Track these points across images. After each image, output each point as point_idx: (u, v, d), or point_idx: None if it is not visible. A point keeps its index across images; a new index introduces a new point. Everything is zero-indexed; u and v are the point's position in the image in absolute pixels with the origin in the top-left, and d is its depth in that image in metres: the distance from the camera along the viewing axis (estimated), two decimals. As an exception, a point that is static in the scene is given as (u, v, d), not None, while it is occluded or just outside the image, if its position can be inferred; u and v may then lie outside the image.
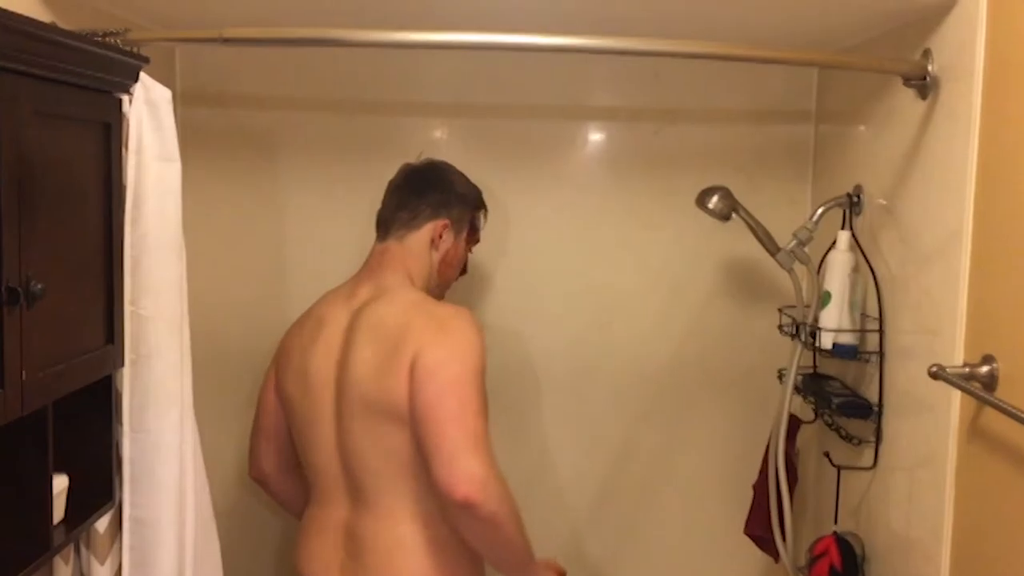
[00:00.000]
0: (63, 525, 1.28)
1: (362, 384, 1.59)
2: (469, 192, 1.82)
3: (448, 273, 1.83)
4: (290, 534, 2.21)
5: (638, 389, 2.18)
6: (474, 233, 1.86)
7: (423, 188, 1.79)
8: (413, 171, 1.82)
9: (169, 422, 1.41)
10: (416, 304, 1.65)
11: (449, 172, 1.82)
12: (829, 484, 1.85)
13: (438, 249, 1.77)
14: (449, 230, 1.77)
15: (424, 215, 1.76)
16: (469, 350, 1.55)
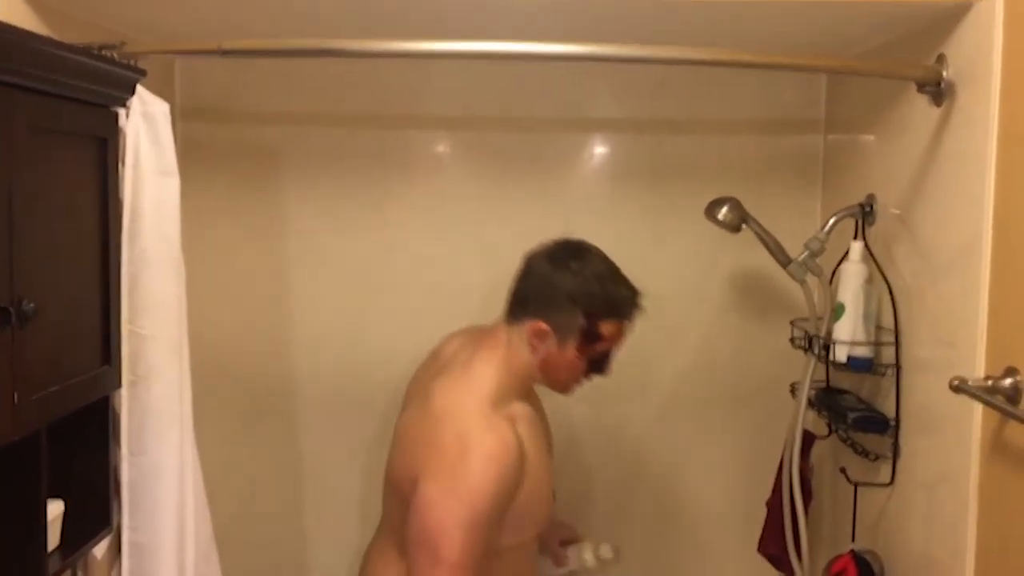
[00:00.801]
0: (59, 552, 1.24)
1: (393, 448, 1.66)
2: (588, 296, 1.59)
3: (557, 377, 1.67)
4: (291, 553, 2.17)
5: (648, 405, 2.14)
6: (594, 341, 1.62)
7: (530, 279, 1.64)
8: (534, 254, 1.66)
9: (169, 444, 1.38)
10: (459, 409, 1.54)
11: (565, 267, 1.61)
12: (845, 501, 1.80)
13: (536, 352, 1.62)
14: (549, 336, 1.60)
15: (525, 311, 1.62)
16: (469, 497, 1.46)
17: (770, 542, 1.90)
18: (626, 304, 1.62)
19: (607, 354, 1.65)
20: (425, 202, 2.11)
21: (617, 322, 1.62)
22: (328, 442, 2.15)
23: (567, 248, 1.65)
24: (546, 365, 1.63)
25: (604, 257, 1.65)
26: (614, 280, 1.62)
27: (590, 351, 1.62)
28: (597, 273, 1.61)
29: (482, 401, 1.55)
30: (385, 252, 2.12)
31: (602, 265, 1.63)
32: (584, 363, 1.63)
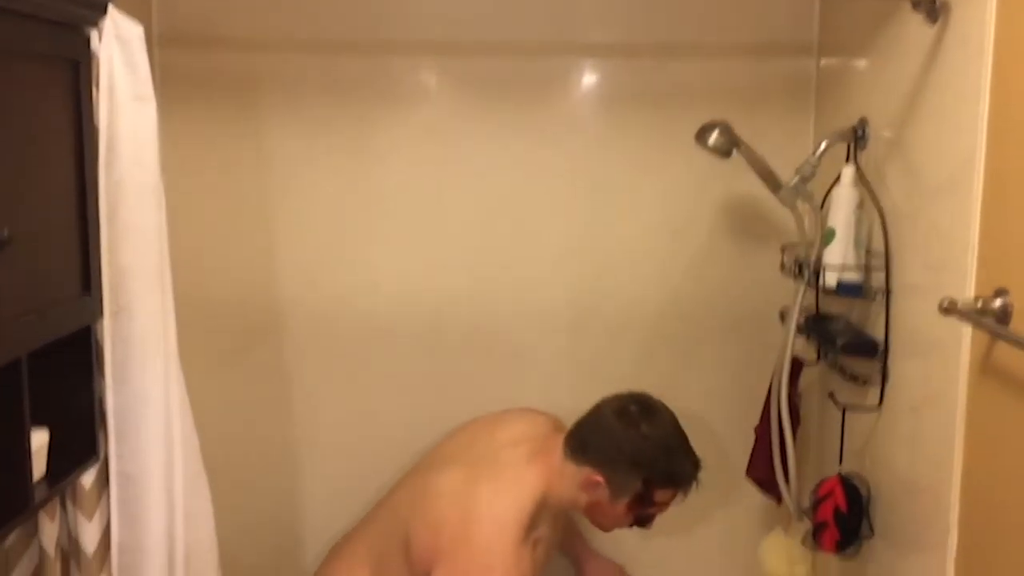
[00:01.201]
0: (45, 481, 1.24)
1: (423, 498, 1.78)
2: (651, 465, 1.67)
3: (599, 521, 1.77)
4: (282, 488, 2.18)
5: (637, 334, 2.14)
6: (647, 505, 1.71)
7: (597, 427, 1.72)
8: (606, 402, 1.74)
9: (153, 374, 1.36)
10: (498, 523, 1.64)
11: (635, 428, 1.69)
12: (833, 425, 1.81)
13: (585, 496, 1.71)
14: (603, 488, 1.68)
15: (585, 456, 1.69)
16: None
17: (758, 467, 1.91)
18: (687, 478, 1.71)
19: (655, 514, 1.74)
20: (411, 130, 2.08)
21: (673, 492, 1.71)
22: (317, 373, 2.15)
23: (640, 405, 1.71)
24: (592, 510, 1.72)
25: (674, 422, 1.72)
26: (680, 452, 1.70)
27: (639, 511, 1.71)
28: (664, 442, 1.69)
29: (521, 522, 1.64)
30: (371, 181, 2.09)
31: (671, 432, 1.70)
32: (631, 518, 1.72)
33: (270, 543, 2.19)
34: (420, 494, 1.80)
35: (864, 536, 1.64)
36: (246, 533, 2.11)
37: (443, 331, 2.14)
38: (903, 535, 1.55)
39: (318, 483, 2.18)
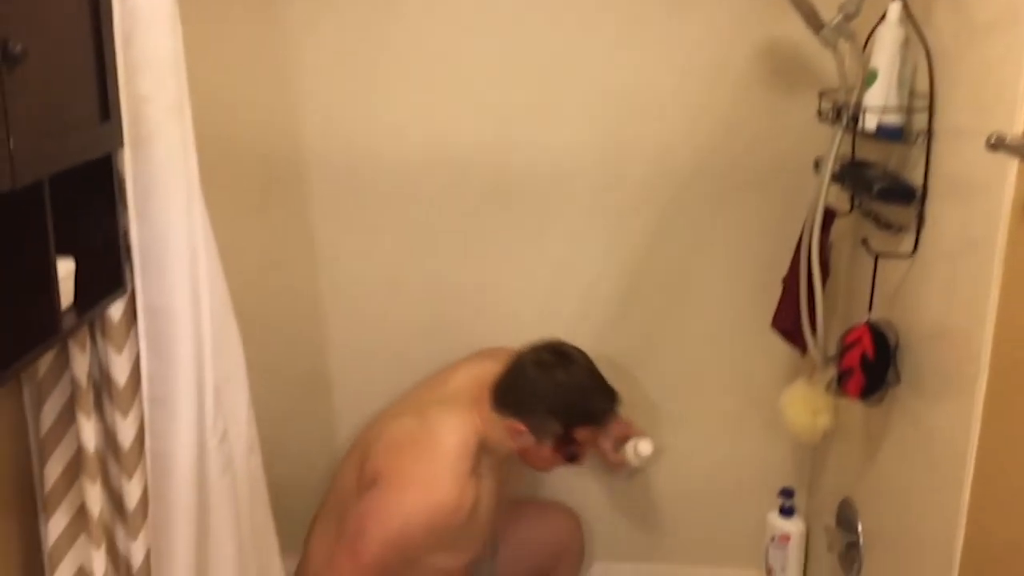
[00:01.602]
0: (73, 310, 1.24)
1: (376, 442, 1.88)
2: (567, 408, 1.76)
3: (533, 464, 1.86)
4: (307, 337, 2.19)
5: (665, 186, 2.09)
6: (569, 444, 1.79)
7: (515, 378, 1.80)
8: (524, 354, 1.82)
9: (176, 207, 1.35)
10: (445, 444, 1.75)
11: (550, 377, 1.78)
12: (863, 275, 1.79)
13: (514, 442, 1.80)
14: (527, 434, 1.77)
15: (507, 407, 1.78)
16: (406, 526, 1.71)
17: (784, 318, 1.90)
18: (603, 415, 1.81)
19: (583, 451, 1.83)
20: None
21: (592, 429, 1.80)
22: (341, 224, 2.13)
23: (554, 353, 1.80)
24: (523, 455, 1.82)
25: (588, 364, 1.82)
26: (594, 391, 1.80)
27: (566, 451, 1.80)
28: (578, 385, 1.79)
29: (464, 455, 1.75)
30: (396, 27, 2.01)
31: (584, 375, 1.80)
32: (560, 458, 1.82)
33: (296, 389, 2.22)
34: (375, 440, 1.89)
35: (890, 383, 1.63)
36: (273, 379, 2.14)
37: (467, 184, 2.10)
38: (931, 381, 1.54)
39: (343, 327, 2.20)
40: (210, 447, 1.43)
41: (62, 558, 1.47)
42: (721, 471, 2.25)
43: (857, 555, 1.83)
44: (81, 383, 1.37)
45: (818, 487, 2.17)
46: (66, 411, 1.41)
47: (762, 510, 2.23)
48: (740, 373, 2.20)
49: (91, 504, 1.42)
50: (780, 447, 2.22)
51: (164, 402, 1.38)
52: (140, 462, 1.43)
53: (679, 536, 2.29)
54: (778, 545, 2.18)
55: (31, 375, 1.42)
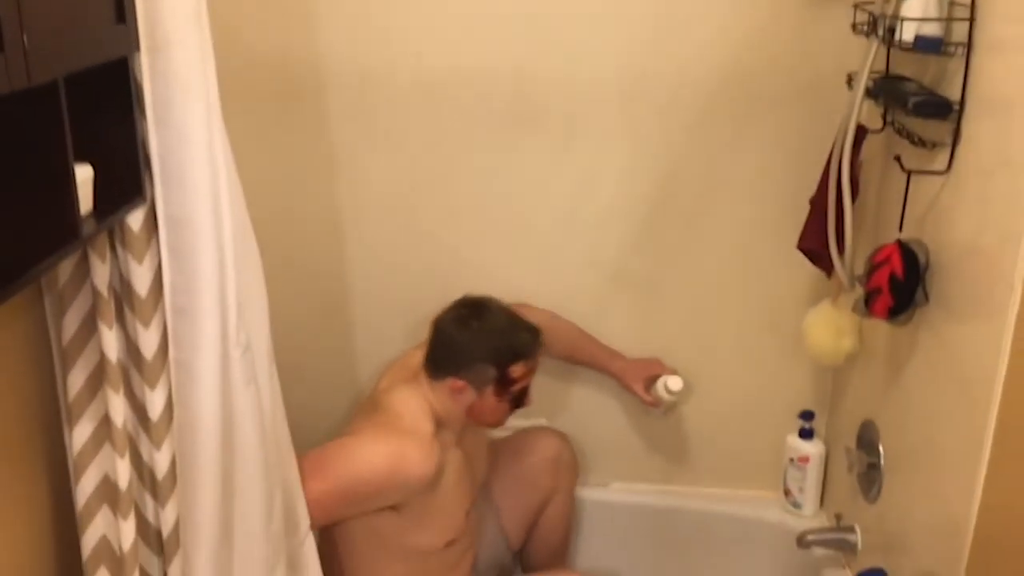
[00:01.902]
0: (93, 216, 1.23)
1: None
2: (493, 351, 1.81)
3: (484, 420, 1.89)
4: (326, 251, 2.18)
5: (690, 103, 2.04)
6: (509, 385, 1.83)
7: (440, 343, 1.85)
8: (440, 319, 1.86)
9: (195, 115, 1.32)
10: (405, 406, 1.81)
11: (468, 328, 1.82)
12: (893, 193, 1.75)
13: (459, 404, 1.83)
14: (467, 389, 1.82)
15: (440, 372, 1.83)
16: (355, 472, 1.74)
17: (811, 238, 1.87)
18: (528, 346, 1.84)
19: (524, 389, 1.86)
20: None
21: (524, 363, 1.83)
22: (359, 139, 2.10)
23: (468, 307, 1.86)
24: (472, 414, 1.85)
25: (501, 307, 1.87)
26: (512, 329, 1.84)
27: (507, 393, 1.83)
28: (497, 327, 1.83)
29: (425, 416, 1.80)
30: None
31: (500, 317, 1.85)
32: (506, 403, 1.85)
33: (316, 303, 2.22)
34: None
35: (918, 303, 1.61)
36: (292, 291, 2.13)
37: (488, 100, 2.06)
38: (960, 301, 1.51)
39: (363, 244, 2.18)
40: (234, 358, 1.42)
41: (87, 467, 1.48)
42: (741, 394, 2.25)
43: (877, 476, 1.83)
44: (102, 293, 1.37)
45: (839, 410, 2.16)
46: (88, 321, 1.41)
47: (781, 433, 2.23)
48: (762, 296, 2.17)
49: (114, 414, 1.43)
50: (801, 370, 2.21)
51: (187, 313, 1.37)
52: (163, 373, 1.43)
53: (698, 458, 2.30)
54: (797, 467, 2.19)
55: (52, 284, 1.41)
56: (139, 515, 1.52)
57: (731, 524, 2.25)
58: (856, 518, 1.98)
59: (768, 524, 2.23)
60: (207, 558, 1.47)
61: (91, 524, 1.50)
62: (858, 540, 1.95)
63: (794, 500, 2.22)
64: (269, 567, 1.55)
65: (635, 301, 2.19)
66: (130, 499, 1.47)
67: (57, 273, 1.39)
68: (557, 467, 2.14)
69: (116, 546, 1.50)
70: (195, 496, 1.44)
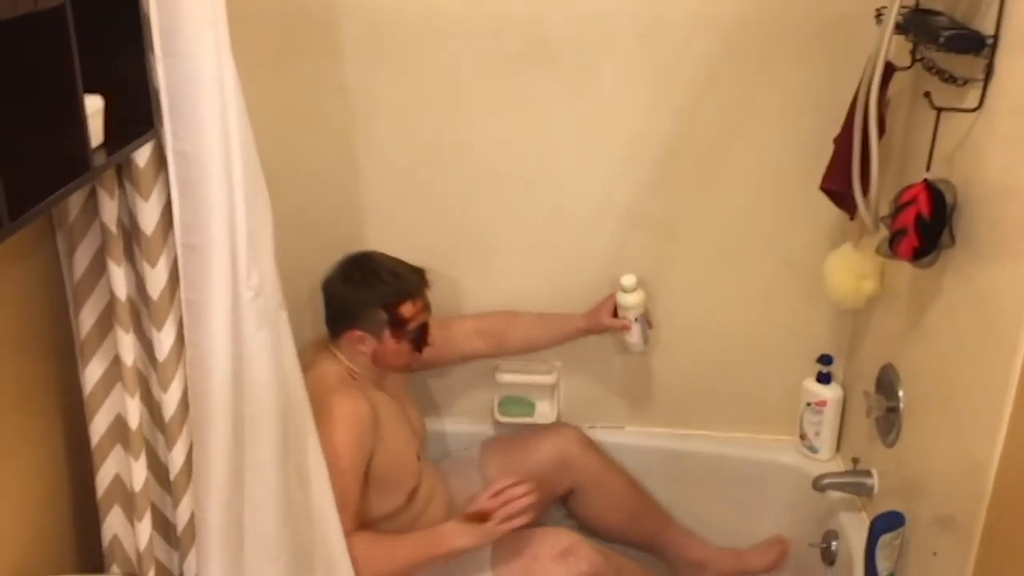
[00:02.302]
0: (103, 148, 1.20)
1: None
2: (379, 294, 1.84)
3: (391, 363, 1.92)
4: (341, 192, 2.15)
5: (710, 39, 1.98)
6: (404, 325, 1.86)
7: (332, 301, 1.90)
8: (328, 279, 1.91)
9: (204, 48, 1.29)
10: (319, 385, 1.78)
11: (351, 280, 1.87)
12: (920, 133, 1.71)
13: (363, 353, 1.88)
14: (365, 336, 1.86)
15: (339, 327, 1.88)
16: (336, 452, 1.72)
17: (834, 178, 1.83)
18: (412, 284, 1.88)
19: (421, 328, 1.90)
20: None
21: (411, 301, 1.86)
22: (371, 78, 2.05)
23: (351, 263, 1.90)
24: (376, 358, 1.89)
25: (381, 255, 1.91)
26: (394, 270, 1.88)
27: (406, 334, 1.87)
28: (377, 274, 1.87)
29: (337, 379, 1.84)
30: None
31: (380, 263, 1.89)
32: (406, 344, 1.89)
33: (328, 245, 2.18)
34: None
35: (944, 245, 1.57)
36: (303, 234, 2.11)
37: (504, 36, 2.00)
38: (988, 243, 1.48)
39: (377, 184, 2.15)
40: (245, 299, 1.40)
41: (100, 406, 1.48)
42: (759, 338, 2.22)
43: (896, 420, 1.81)
44: (111, 229, 1.35)
45: (857, 354, 2.14)
46: (98, 258, 1.40)
47: (798, 377, 2.21)
48: (781, 238, 2.14)
49: (124, 353, 1.42)
50: (819, 314, 2.18)
51: (197, 250, 1.35)
52: (171, 312, 1.41)
53: (714, 402, 2.28)
54: (814, 410, 2.17)
55: (63, 219, 1.39)
56: (151, 454, 1.51)
57: (746, 467, 2.24)
58: (873, 462, 1.96)
59: (784, 467, 2.23)
60: (218, 501, 1.46)
61: (105, 463, 1.50)
62: (875, 484, 1.94)
63: (810, 444, 2.21)
64: (281, 516, 1.55)
65: (652, 244, 2.16)
66: (141, 438, 1.47)
67: (68, 208, 1.37)
68: (563, 465, 2.15)
69: (129, 485, 1.50)
70: (208, 437, 1.43)
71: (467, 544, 1.80)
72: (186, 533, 1.52)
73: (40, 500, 1.47)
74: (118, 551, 1.55)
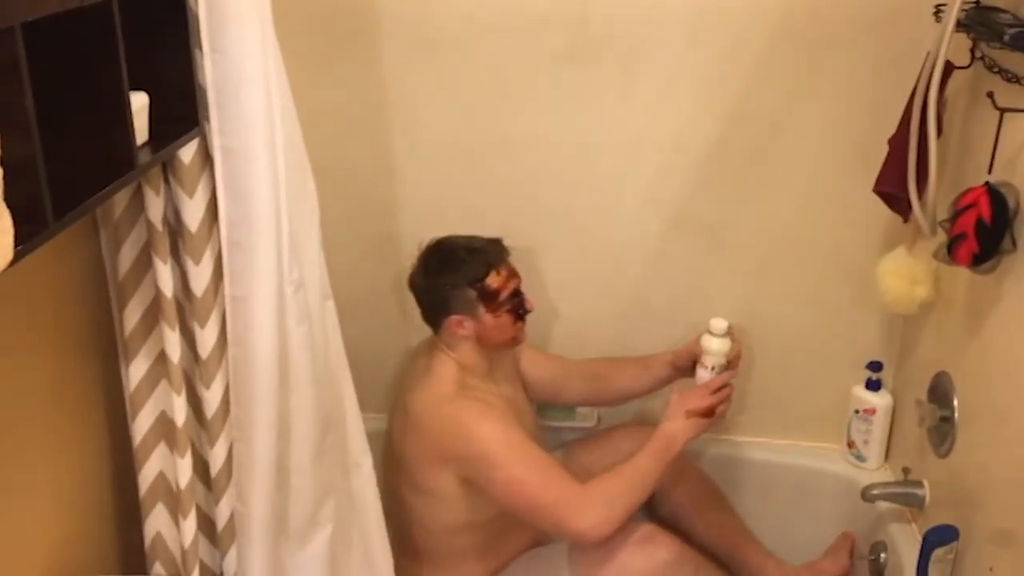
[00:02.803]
0: (148, 146, 1.19)
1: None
2: (462, 274, 1.82)
3: (498, 340, 1.88)
4: (380, 192, 2.14)
5: (760, 36, 1.93)
6: (496, 298, 1.83)
7: (422, 296, 1.89)
8: (412, 275, 1.90)
9: (250, 42, 1.27)
10: (432, 403, 1.83)
11: (433, 270, 1.85)
12: (980, 134, 1.65)
13: (468, 338, 1.86)
14: (464, 319, 1.84)
15: (437, 319, 1.87)
16: (500, 449, 1.77)
17: (889, 180, 1.77)
18: (492, 255, 1.84)
19: (515, 295, 1.86)
20: None
21: (495, 271, 1.83)
22: (414, 76, 2.03)
23: (428, 253, 1.88)
24: (481, 340, 1.86)
25: (454, 238, 1.88)
26: (470, 247, 1.85)
27: (501, 305, 1.84)
28: (455, 253, 1.84)
29: (448, 388, 1.82)
30: None
31: (455, 244, 1.86)
32: (506, 316, 1.85)
33: (370, 241, 2.19)
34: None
35: (1004, 250, 1.52)
36: (346, 228, 2.10)
37: (549, 31, 1.98)
38: (1052, 248, 1.43)
39: (416, 184, 2.14)
40: (287, 294, 1.39)
41: (144, 403, 1.47)
42: (806, 343, 2.17)
43: (951, 430, 1.75)
44: (157, 226, 1.34)
45: (908, 361, 2.08)
46: (143, 255, 1.39)
47: (847, 384, 2.16)
48: (832, 241, 2.08)
49: (170, 350, 1.41)
50: (869, 320, 2.13)
51: (243, 247, 1.33)
52: (215, 310, 1.40)
53: (760, 408, 2.23)
54: (863, 418, 2.12)
55: (107, 216, 1.39)
56: (195, 452, 1.51)
57: (793, 475, 2.20)
58: (924, 472, 1.91)
59: (831, 475, 2.17)
60: (262, 495, 1.45)
61: (148, 461, 1.50)
62: (926, 495, 1.88)
63: (858, 452, 2.16)
64: (317, 502, 1.54)
65: (698, 245, 2.12)
66: (186, 436, 1.47)
67: (113, 205, 1.37)
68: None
69: (173, 483, 1.50)
70: (252, 435, 1.42)
71: (695, 435, 1.82)
72: (226, 531, 1.52)
73: (81, 498, 1.47)
74: (161, 550, 1.55)
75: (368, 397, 1.97)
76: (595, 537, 1.75)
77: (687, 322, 2.15)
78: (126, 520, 1.56)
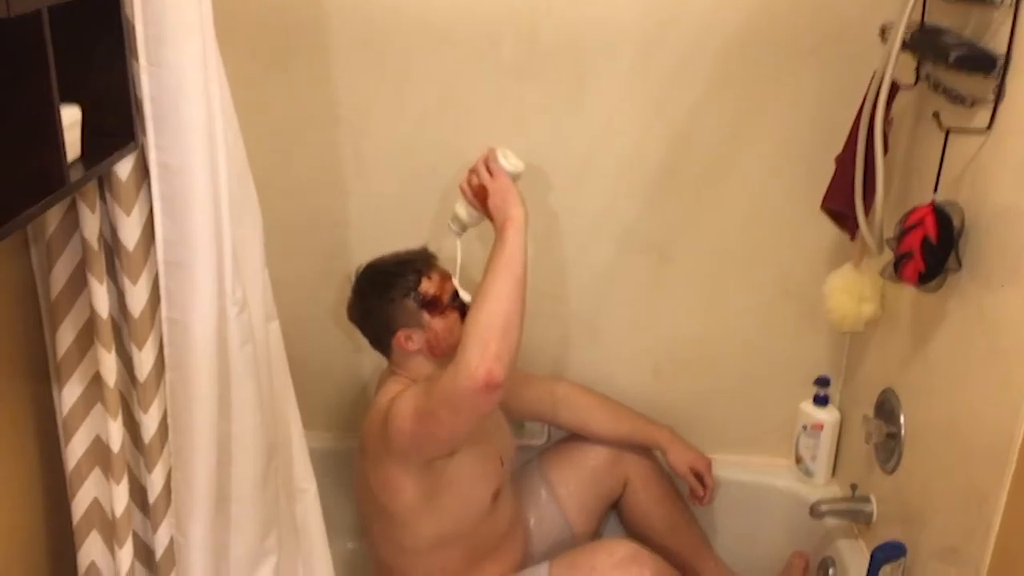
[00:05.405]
0: (81, 162, 1.14)
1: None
2: (395, 288, 1.81)
3: (448, 343, 1.82)
4: (328, 206, 2.10)
5: (711, 54, 1.94)
6: (434, 302, 1.82)
7: (364, 323, 1.89)
8: (349, 307, 1.90)
9: (190, 55, 1.23)
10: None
11: (366, 293, 1.86)
12: (925, 153, 1.67)
13: (419, 349, 1.83)
14: (409, 333, 1.82)
15: (383, 340, 1.86)
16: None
17: (836, 198, 1.79)
18: (420, 261, 1.85)
19: (455, 295, 1.84)
20: None
21: (427, 277, 1.83)
22: (364, 83, 2.00)
23: (359, 279, 1.89)
24: (431, 347, 1.83)
25: (379, 258, 1.89)
26: (398, 260, 1.86)
27: (439, 308, 1.82)
28: (385, 270, 1.85)
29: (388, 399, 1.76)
30: None
31: (384, 261, 1.87)
32: (452, 315, 1.83)
33: (318, 256, 2.14)
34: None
35: (950, 269, 1.53)
36: (293, 244, 2.06)
37: (499, 42, 1.95)
38: (997, 267, 1.44)
39: (364, 199, 2.10)
40: (230, 316, 1.34)
41: (77, 428, 1.41)
42: (754, 359, 2.18)
43: (897, 446, 1.77)
44: (92, 245, 1.29)
45: (855, 377, 2.10)
46: (77, 274, 1.34)
47: (795, 400, 2.17)
48: (779, 258, 2.09)
49: (106, 373, 1.36)
50: (816, 336, 2.14)
51: (181, 267, 1.29)
52: (152, 332, 1.35)
53: (708, 423, 2.22)
54: (810, 433, 2.13)
55: (39, 234, 1.33)
56: (132, 478, 1.45)
57: (741, 491, 2.19)
58: (871, 488, 1.92)
59: (778, 491, 2.18)
60: (202, 524, 1.40)
61: (82, 487, 1.44)
62: (873, 511, 1.90)
63: (806, 467, 2.16)
64: (263, 531, 1.49)
65: (647, 263, 2.11)
66: (123, 462, 1.41)
67: (45, 222, 1.31)
68: (619, 458, 2.11)
69: (108, 510, 1.44)
70: (190, 462, 1.37)
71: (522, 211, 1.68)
72: (164, 560, 1.46)
73: (11, 526, 1.40)
74: (95, 579, 1.49)
75: (314, 415, 1.94)
76: (488, 377, 1.52)
77: (634, 345, 2.15)
78: (59, 549, 1.50)
